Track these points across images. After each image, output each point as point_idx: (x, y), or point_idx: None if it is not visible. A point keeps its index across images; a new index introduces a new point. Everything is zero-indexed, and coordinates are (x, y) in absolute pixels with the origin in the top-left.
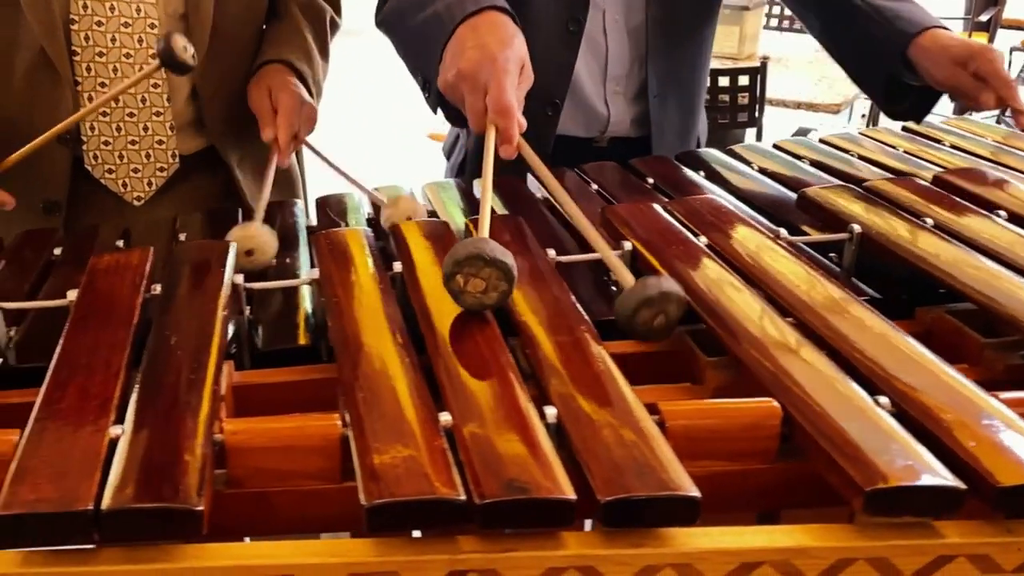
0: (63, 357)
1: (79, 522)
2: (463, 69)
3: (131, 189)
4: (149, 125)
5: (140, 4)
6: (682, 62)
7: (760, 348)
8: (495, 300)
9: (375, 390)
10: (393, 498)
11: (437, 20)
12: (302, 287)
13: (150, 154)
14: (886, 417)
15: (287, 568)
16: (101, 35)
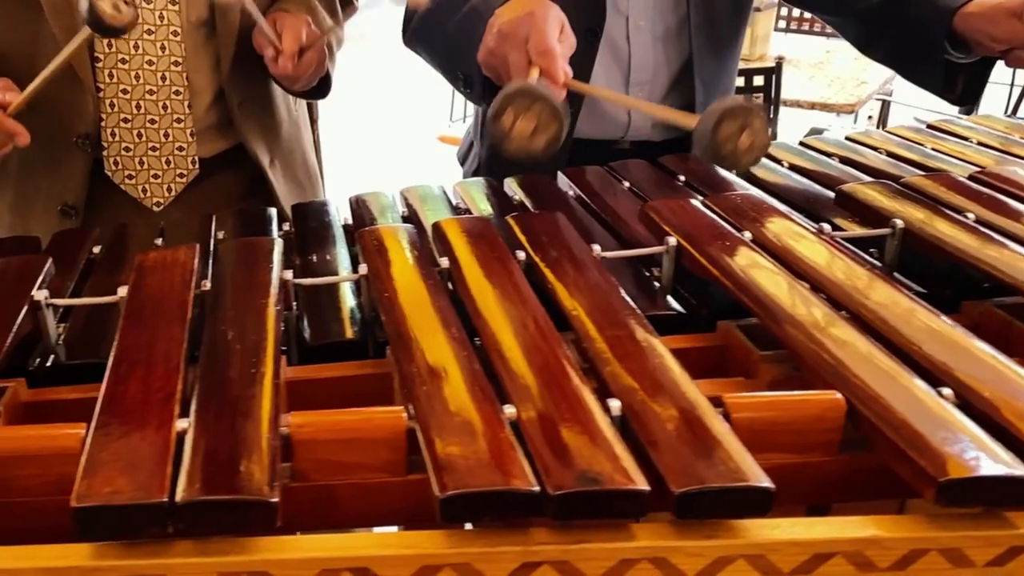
0: (121, 352)
1: (155, 514)
2: (503, 29)
3: (151, 195)
4: (170, 132)
5: (163, 11)
6: (724, 65)
7: (817, 342)
8: (542, 147)
9: (437, 383)
10: (467, 489)
11: (475, 14)
12: (343, 284)
13: (170, 160)
14: (951, 408)
15: (361, 560)
16: (124, 42)
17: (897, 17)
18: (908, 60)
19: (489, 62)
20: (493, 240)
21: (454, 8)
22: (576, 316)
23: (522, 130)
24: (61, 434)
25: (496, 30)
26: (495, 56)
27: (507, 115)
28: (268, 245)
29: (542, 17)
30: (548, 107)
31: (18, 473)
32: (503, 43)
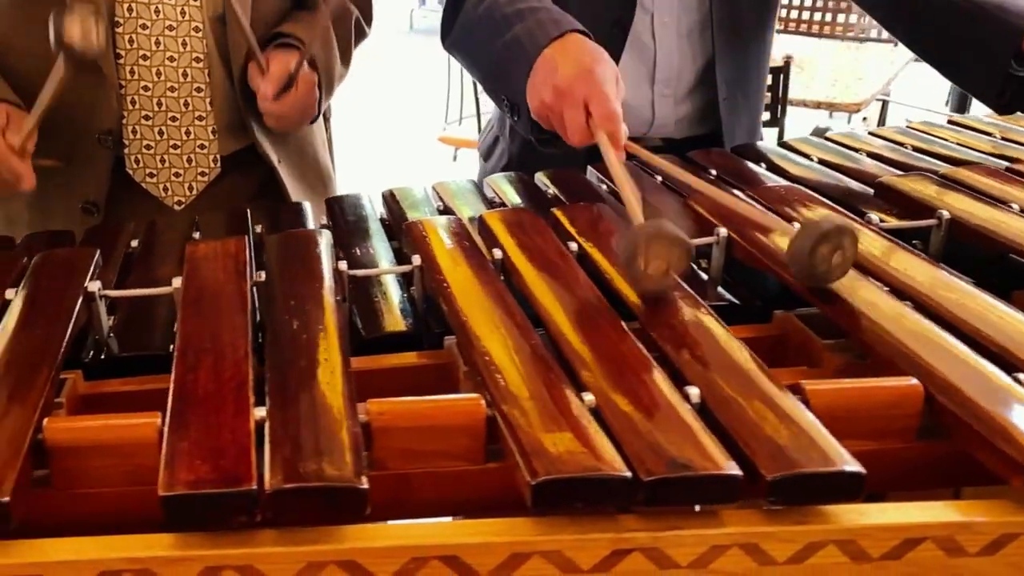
0: (185, 342)
1: (244, 502)
2: (560, 86)
3: (172, 193)
4: (192, 129)
5: (185, 7)
6: (748, 63)
7: (888, 329)
8: (674, 282)
9: (514, 372)
10: (560, 475)
11: (518, 45)
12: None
13: (192, 158)
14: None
15: (450, 548)
16: (145, 38)
17: (957, 24)
18: (964, 67)
19: (543, 114)
20: (543, 231)
21: (495, 28)
22: (639, 305)
23: (655, 272)
24: (137, 423)
25: (552, 86)
26: (551, 111)
27: (640, 259)
28: (317, 237)
29: (602, 77)
30: (679, 249)
31: (94, 463)
32: (560, 100)
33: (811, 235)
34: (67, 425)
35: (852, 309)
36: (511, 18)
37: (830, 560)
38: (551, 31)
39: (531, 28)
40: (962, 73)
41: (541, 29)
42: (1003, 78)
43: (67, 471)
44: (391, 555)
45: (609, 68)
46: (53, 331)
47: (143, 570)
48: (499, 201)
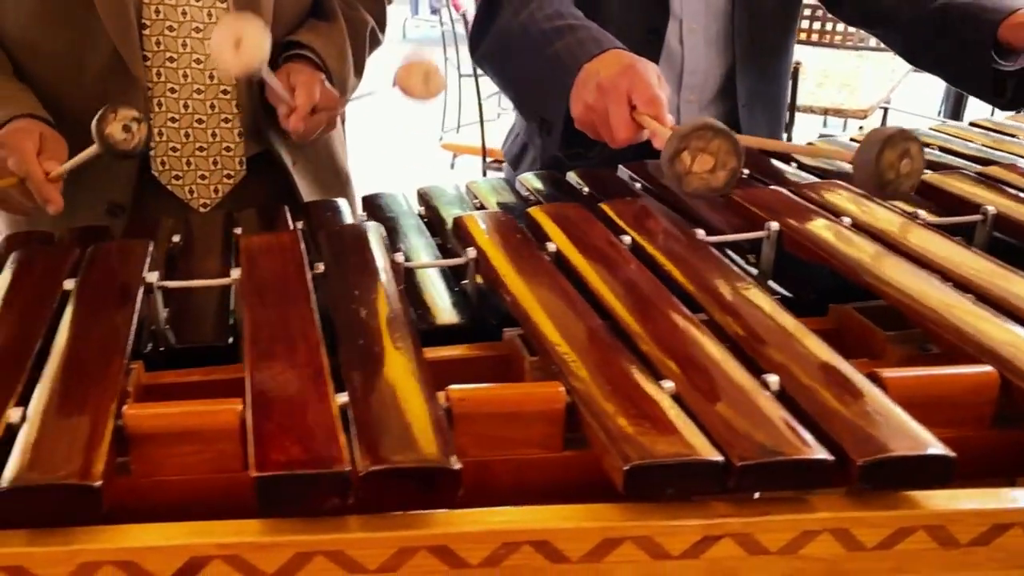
0: (255, 331)
1: (337, 484)
2: (603, 83)
3: (197, 196)
4: (218, 132)
5: (211, 9)
6: (768, 71)
7: (959, 319)
8: (723, 181)
9: (589, 360)
10: (653, 460)
11: (557, 62)
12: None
13: (217, 160)
14: None
15: (542, 533)
16: (172, 40)
17: (942, 29)
18: (956, 69)
19: (587, 117)
20: (592, 224)
21: (532, 44)
22: (705, 297)
23: (701, 168)
24: (219, 410)
25: (595, 85)
26: (595, 111)
27: (685, 155)
28: (370, 231)
29: (642, 70)
30: (726, 143)
31: (174, 450)
32: (603, 97)
33: (876, 141)
34: (148, 412)
35: (917, 299)
36: (550, 35)
37: (919, 546)
38: (592, 49)
39: (571, 46)
40: (956, 75)
41: (582, 48)
42: (993, 73)
43: (147, 459)
44: (482, 540)
45: (650, 65)
46: (118, 321)
47: (233, 556)
48: (533, 199)
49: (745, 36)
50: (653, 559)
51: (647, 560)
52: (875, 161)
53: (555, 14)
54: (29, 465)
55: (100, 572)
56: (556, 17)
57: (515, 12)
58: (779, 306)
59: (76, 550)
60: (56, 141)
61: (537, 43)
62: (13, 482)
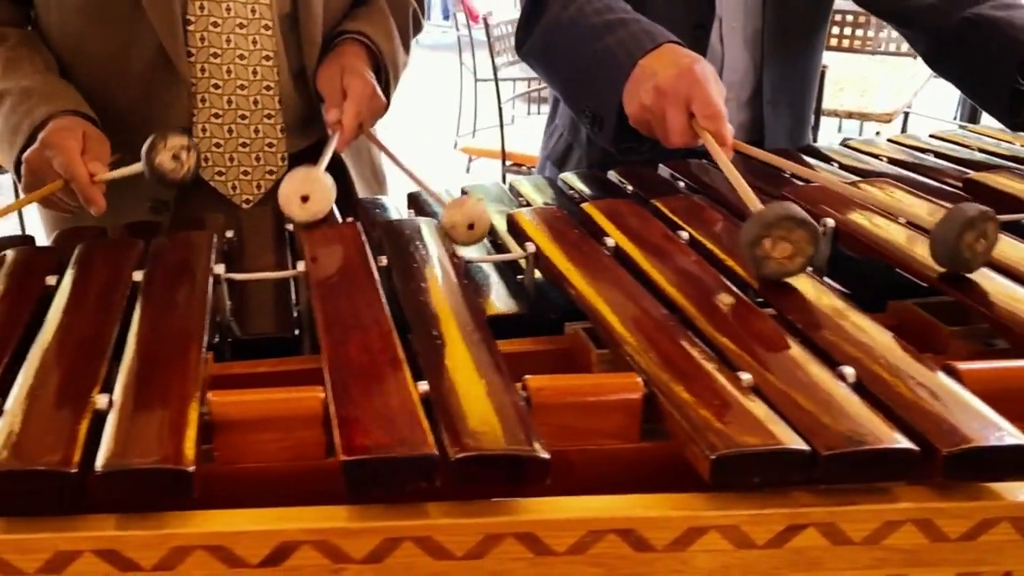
0: (328, 319)
1: (424, 468)
2: (661, 86)
3: (240, 192)
4: (260, 128)
5: (255, 5)
6: (795, 69)
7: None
8: (798, 266)
9: (662, 351)
10: (740, 449)
11: (610, 56)
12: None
13: (260, 157)
14: None
15: (628, 521)
16: (216, 36)
17: (968, 41)
18: (975, 82)
19: (643, 117)
20: (648, 220)
21: (582, 38)
22: (768, 291)
23: (780, 254)
24: (303, 397)
25: (653, 86)
26: (651, 112)
27: (766, 243)
28: (426, 225)
29: (703, 76)
30: (806, 233)
31: (257, 437)
32: (661, 100)
33: (958, 219)
34: (232, 400)
35: (984, 294)
36: (601, 29)
37: (1002, 537)
38: (645, 43)
39: (623, 39)
40: (975, 90)
41: (635, 41)
42: (1011, 93)
43: (231, 445)
44: (569, 528)
45: (708, 68)
46: (191, 311)
47: (322, 541)
48: (578, 197)
49: (773, 32)
50: (737, 548)
51: (731, 549)
52: (955, 240)
53: (604, 8)
54: (121, 450)
55: (191, 556)
56: (606, 11)
57: (563, 7)
58: (844, 300)
59: (168, 534)
60: (99, 141)
61: (587, 37)
62: (106, 467)
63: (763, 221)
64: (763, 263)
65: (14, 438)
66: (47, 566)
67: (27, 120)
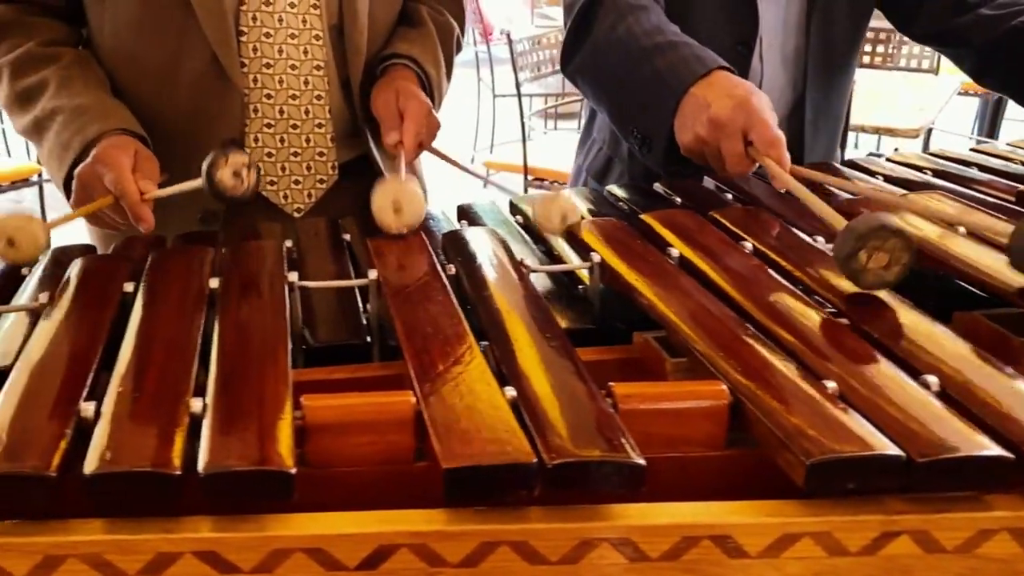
0: (408, 327)
1: (524, 475)
2: (716, 118)
3: (291, 201)
4: (311, 137)
5: (305, 16)
6: (835, 87)
7: None
8: (896, 275)
9: (745, 360)
10: (835, 455)
11: (660, 81)
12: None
13: (311, 166)
14: None
15: (722, 528)
16: (269, 46)
17: (1019, 49)
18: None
19: (697, 148)
20: (709, 231)
21: (632, 60)
22: (840, 301)
23: (876, 265)
24: (395, 401)
25: (708, 119)
26: (706, 144)
27: (862, 255)
28: (490, 235)
29: (759, 106)
30: (901, 242)
31: (349, 441)
32: (717, 132)
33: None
34: (325, 404)
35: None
36: (651, 52)
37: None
38: (697, 68)
39: (674, 63)
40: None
41: (685, 66)
42: None
43: (323, 449)
44: (664, 533)
45: (763, 98)
46: (273, 317)
47: (420, 545)
48: (627, 208)
49: (817, 51)
50: (830, 555)
51: (823, 556)
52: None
53: (654, 29)
54: (221, 453)
55: (290, 559)
56: (655, 32)
57: (612, 26)
58: (915, 309)
59: (269, 536)
60: (150, 159)
61: (637, 59)
62: (208, 469)
63: (857, 233)
64: (860, 275)
65: (115, 441)
66: (148, 567)
67: (79, 137)
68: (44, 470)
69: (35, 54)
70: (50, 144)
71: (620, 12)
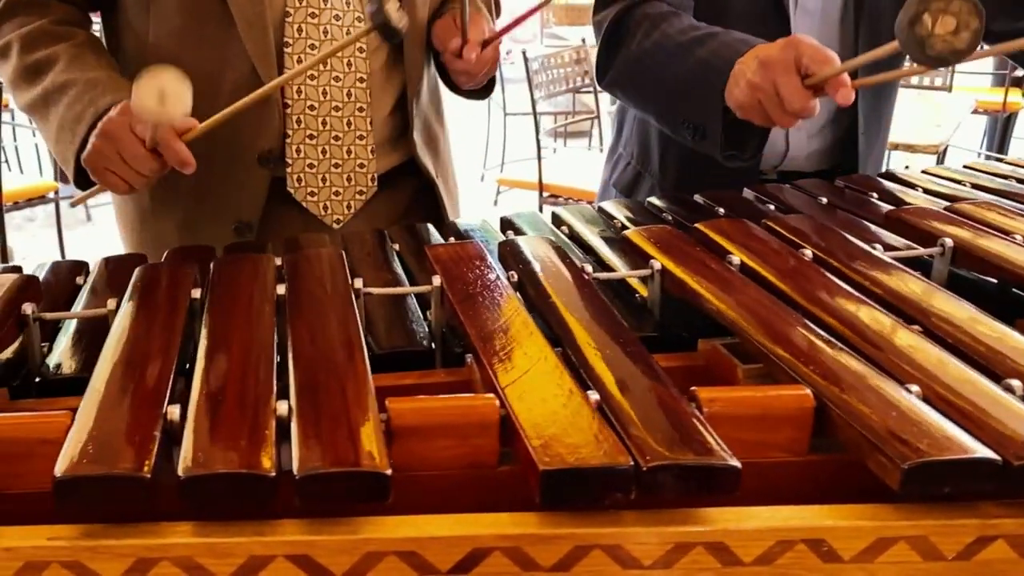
0: (481, 333)
1: (621, 479)
2: (765, 59)
3: (331, 212)
4: (353, 149)
5: (350, 28)
6: (881, 100)
7: None
8: (966, 42)
9: (826, 365)
10: (933, 458)
11: (706, 66)
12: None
13: (351, 177)
14: None
15: (816, 531)
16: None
17: None
18: None
19: (752, 98)
20: (765, 239)
21: (671, 57)
22: (907, 307)
23: (943, 30)
24: (480, 404)
25: (757, 63)
26: (759, 89)
27: (926, 18)
28: (549, 243)
29: (805, 40)
30: (967, 3)
31: (434, 444)
32: (768, 71)
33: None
34: (411, 406)
35: None
36: (691, 44)
37: None
38: (740, 48)
39: (717, 49)
40: None
41: (730, 48)
42: None
43: (407, 452)
44: (758, 538)
45: (807, 36)
46: (346, 323)
47: (514, 548)
48: (671, 219)
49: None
50: (924, 560)
51: (918, 561)
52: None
53: (689, 27)
54: (314, 455)
55: (383, 563)
56: (691, 29)
57: (645, 34)
58: (985, 314)
59: (363, 539)
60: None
61: (678, 55)
62: (303, 470)
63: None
64: (927, 42)
65: (205, 443)
66: (240, 571)
67: (91, 109)
68: (138, 471)
69: (47, 30)
70: (60, 117)
71: (652, 21)
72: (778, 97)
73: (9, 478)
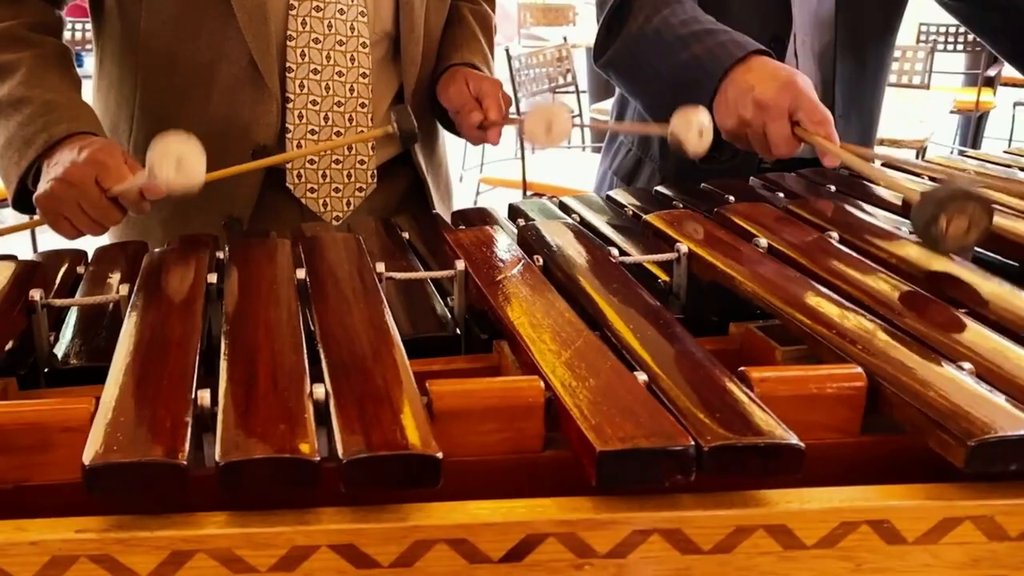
0: (516, 316)
1: (682, 459)
2: (762, 100)
3: (330, 208)
4: (353, 145)
5: (354, 23)
6: (865, 82)
7: None
8: (975, 239)
9: (868, 344)
10: (999, 435)
11: (698, 67)
12: None
13: (351, 173)
14: None
15: (880, 511)
16: (317, 52)
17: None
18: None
19: (740, 131)
20: (791, 223)
21: (667, 48)
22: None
23: (956, 231)
24: (525, 386)
25: (753, 101)
26: (750, 126)
27: (941, 220)
28: (570, 228)
29: (804, 86)
30: (980, 205)
31: (477, 428)
32: (762, 113)
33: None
34: (453, 389)
35: None
36: (687, 39)
37: None
38: (735, 52)
39: (712, 49)
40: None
41: (723, 50)
42: None
43: (449, 436)
44: (821, 519)
45: (806, 79)
46: (374, 306)
47: (569, 534)
48: (682, 206)
49: (844, 45)
50: (989, 540)
51: (983, 541)
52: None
53: (690, 19)
54: (358, 439)
55: (431, 551)
56: (691, 22)
57: (647, 18)
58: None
59: (411, 527)
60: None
61: (673, 48)
62: (349, 454)
63: (936, 199)
64: (941, 242)
65: (241, 428)
66: (281, 563)
67: (44, 135)
68: (174, 458)
69: (16, 33)
70: (10, 134)
71: (655, 5)
72: (765, 139)
73: (29, 468)
